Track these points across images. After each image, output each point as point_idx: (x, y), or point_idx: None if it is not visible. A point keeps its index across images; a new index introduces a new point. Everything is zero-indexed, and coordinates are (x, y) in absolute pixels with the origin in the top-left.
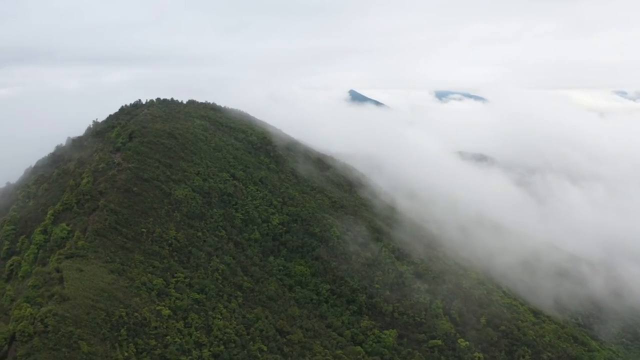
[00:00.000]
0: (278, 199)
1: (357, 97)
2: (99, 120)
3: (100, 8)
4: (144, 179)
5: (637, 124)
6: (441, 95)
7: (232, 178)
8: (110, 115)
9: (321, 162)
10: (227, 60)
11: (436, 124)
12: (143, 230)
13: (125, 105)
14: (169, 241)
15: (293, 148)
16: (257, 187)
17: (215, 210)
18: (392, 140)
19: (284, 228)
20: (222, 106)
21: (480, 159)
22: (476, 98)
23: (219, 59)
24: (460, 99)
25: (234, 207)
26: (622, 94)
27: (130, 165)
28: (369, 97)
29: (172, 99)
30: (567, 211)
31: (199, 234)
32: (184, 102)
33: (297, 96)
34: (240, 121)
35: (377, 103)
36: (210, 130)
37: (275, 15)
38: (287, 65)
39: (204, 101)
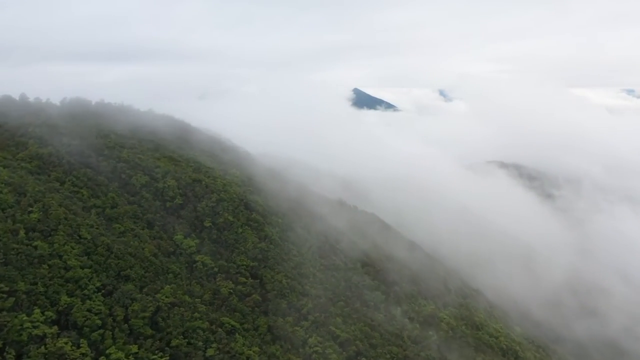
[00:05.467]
0: None
1: (361, 97)
2: None
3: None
4: None
5: None
6: (446, 94)
7: None
8: None
9: (326, 232)
10: (229, 56)
11: (440, 127)
12: None
13: None
14: None
15: (271, 198)
16: None
17: None
18: (398, 156)
19: None
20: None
21: (500, 167)
22: (482, 97)
23: (221, 54)
24: (466, 99)
25: None
26: (630, 91)
27: None
28: (374, 95)
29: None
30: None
31: None
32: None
33: (298, 96)
34: (151, 141)
35: (381, 102)
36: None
37: (281, 8)
38: (290, 62)
39: (76, 97)
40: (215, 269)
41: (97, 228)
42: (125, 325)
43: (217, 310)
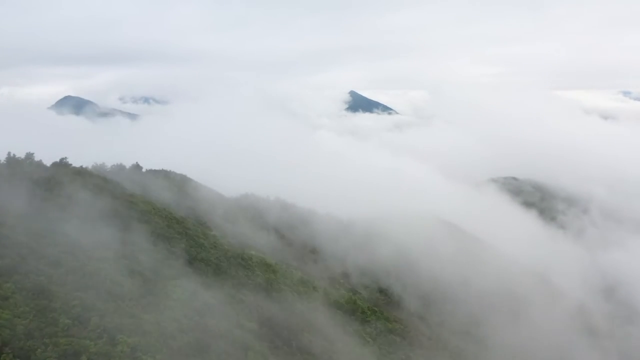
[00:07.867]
0: None
1: (357, 99)
2: None
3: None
4: None
5: None
6: (441, 97)
7: None
8: None
9: None
10: (224, 58)
11: (430, 137)
12: None
13: None
14: None
15: None
16: None
17: None
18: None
19: None
20: None
21: (493, 183)
22: (477, 100)
23: (216, 56)
24: (458, 102)
25: None
26: (627, 93)
27: None
28: (370, 98)
29: None
30: None
31: None
32: None
33: (290, 101)
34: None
35: (378, 105)
36: None
37: (278, 11)
38: (288, 64)
39: None
40: None
41: None
42: None
43: None
